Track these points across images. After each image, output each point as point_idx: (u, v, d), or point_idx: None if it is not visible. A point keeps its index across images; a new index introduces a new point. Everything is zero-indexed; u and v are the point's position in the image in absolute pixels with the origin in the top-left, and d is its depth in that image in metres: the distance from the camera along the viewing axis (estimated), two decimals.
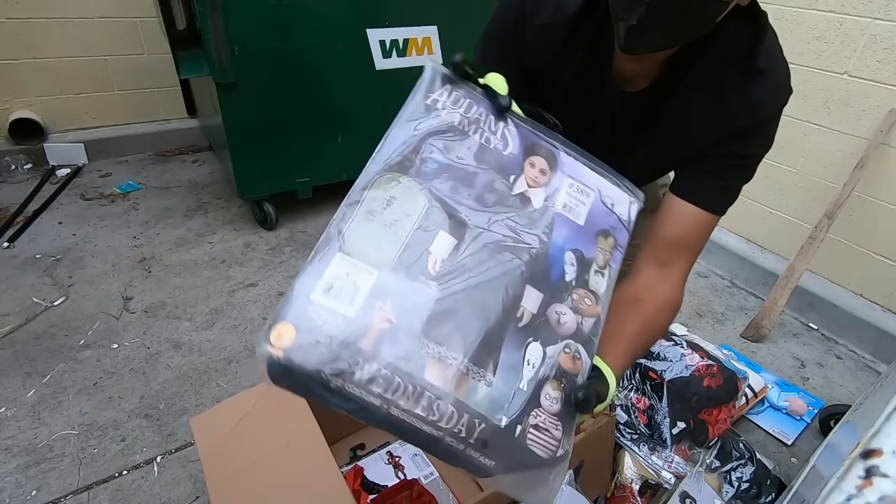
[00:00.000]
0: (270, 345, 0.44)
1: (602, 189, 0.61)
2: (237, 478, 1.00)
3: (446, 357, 0.47)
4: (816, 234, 1.88)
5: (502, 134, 0.57)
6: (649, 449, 1.38)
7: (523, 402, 0.49)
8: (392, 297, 0.47)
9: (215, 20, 1.83)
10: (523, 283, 0.53)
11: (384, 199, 0.51)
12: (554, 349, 0.52)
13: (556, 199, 0.58)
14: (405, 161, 0.53)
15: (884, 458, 0.52)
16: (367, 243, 0.49)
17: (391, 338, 0.46)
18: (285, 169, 2.31)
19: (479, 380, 0.48)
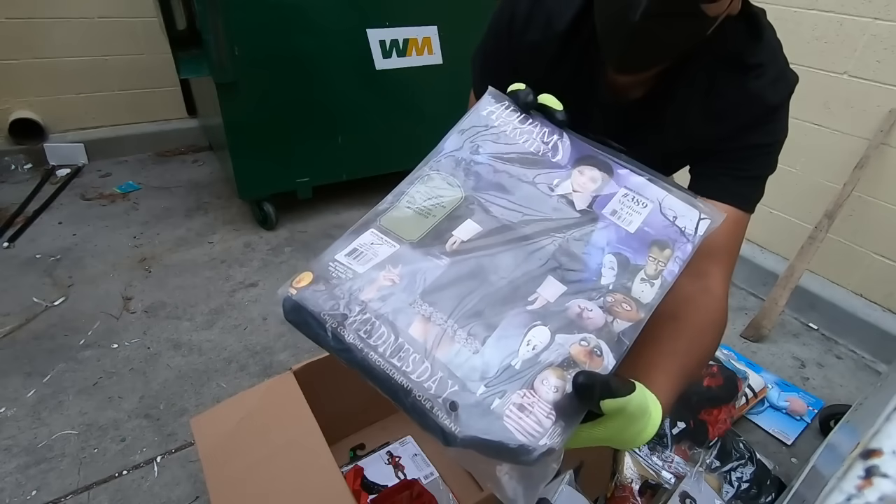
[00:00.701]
0: (291, 285, 0.53)
1: (664, 202, 0.55)
2: (237, 478, 1.00)
3: (435, 318, 0.48)
4: (816, 234, 1.88)
5: (554, 145, 0.58)
6: (649, 449, 1.38)
7: (510, 379, 0.45)
8: (403, 264, 0.51)
9: (215, 20, 1.83)
10: (545, 273, 0.51)
11: (426, 193, 0.56)
12: (567, 338, 0.48)
13: (605, 203, 0.55)
14: (454, 163, 0.58)
15: (884, 458, 0.52)
16: (400, 225, 0.54)
17: (389, 295, 0.49)
18: (285, 169, 2.31)
19: (466, 346, 0.47)
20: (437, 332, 0.47)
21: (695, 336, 0.65)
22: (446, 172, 0.58)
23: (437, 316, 0.48)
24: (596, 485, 1.24)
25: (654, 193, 0.56)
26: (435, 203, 0.55)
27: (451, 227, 0.54)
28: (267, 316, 1.89)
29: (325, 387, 1.25)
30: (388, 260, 0.52)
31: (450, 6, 2.32)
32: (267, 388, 1.16)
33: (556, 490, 1.01)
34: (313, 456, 1.02)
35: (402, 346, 0.46)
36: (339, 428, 1.39)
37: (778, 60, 0.76)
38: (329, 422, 1.11)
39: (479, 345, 0.47)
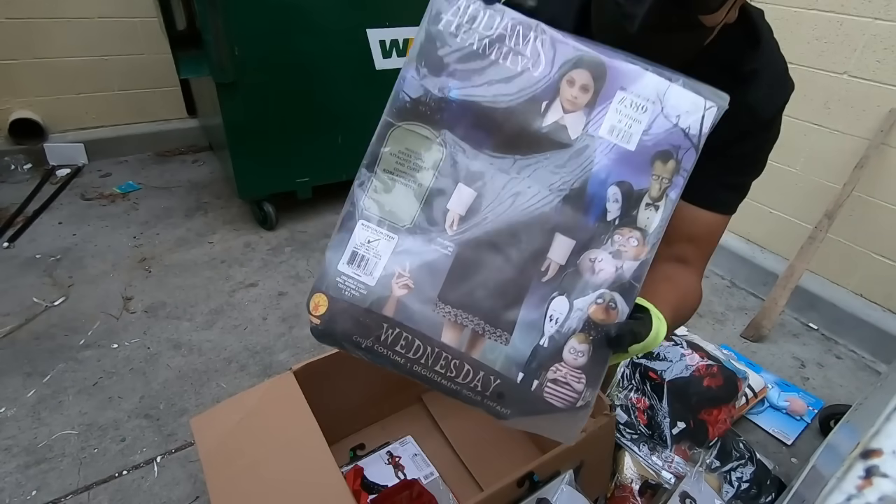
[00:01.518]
0: (310, 314, 0.51)
1: (666, 97, 0.50)
2: (237, 478, 1.00)
3: (462, 319, 0.49)
4: (816, 234, 1.88)
5: (533, 49, 0.48)
6: (649, 449, 1.38)
7: (542, 358, 0.49)
8: (411, 262, 0.49)
9: (215, 20, 1.83)
10: (551, 233, 0.49)
11: (399, 153, 0.51)
12: (583, 301, 0.49)
13: (600, 121, 0.49)
14: (419, 105, 0.50)
15: (884, 458, 0.52)
16: (386, 205, 0.50)
17: (410, 304, 0.49)
18: (285, 169, 2.31)
19: (496, 339, 0.49)
20: (467, 333, 0.50)
21: (682, 295, 0.71)
22: (416, 122, 0.51)
23: (463, 316, 0.49)
24: (596, 485, 1.24)
25: (654, 87, 0.50)
26: (415, 164, 0.50)
27: (444, 198, 0.50)
28: (267, 316, 1.89)
29: (325, 387, 1.25)
30: (393, 260, 0.50)
31: None
32: (267, 388, 1.16)
33: (557, 490, 1.01)
34: (313, 456, 1.02)
35: (440, 354, 0.49)
36: (339, 428, 1.39)
37: (774, 66, 0.76)
38: (329, 422, 1.11)
39: (508, 335, 0.49)
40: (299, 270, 2.14)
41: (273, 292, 2.01)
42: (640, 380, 1.49)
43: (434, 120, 0.50)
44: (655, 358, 1.50)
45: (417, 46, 0.50)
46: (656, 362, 1.48)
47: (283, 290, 2.02)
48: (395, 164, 0.51)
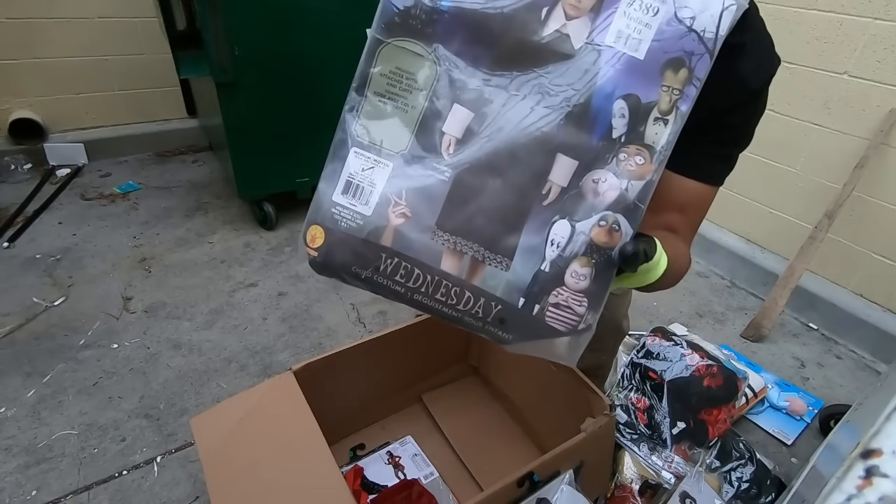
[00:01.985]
0: (307, 246, 0.50)
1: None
2: (237, 478, 1.00)
3: (461, 247, 0.48)
4: (816, 234, 1.88)
5: None
6: (649, 449, 1.38)
7: (544, 283, 0.49)
8: (407, 190, 0.48)
9: (215, 20, 1.83)
10: (553, 153, 0.47)
11: (390, 74, 0.47)
12: (586, 224, 0.48)
13: (607, 27, 0.45)
14: (408, 19, 0.45)
15: (884, 458, 0.52)
16: (381, 132, 0.48)
17: (408, 233, 0.48)
18: (285, 169, 2.31)
19: (496, 265, 0.49)
20: (467, 260, 0.49)
21: (673, 253, 0.69)
22: (406, 37, 0.46)
23: (462, 244, 0.48)
24: (596, 485, 1.24)
25: None
26: (407, 85, 0.46)
27: (439, 121, 0.46)
28: (267, 316, 1.89)
29: (325, 387, 1.25)
30: (389, 188, 0.48)
31: None
32: (267, 388, 1.16)
33: (557, 490, 1.01)
34: (313, 456, 1.02)
35: (440, 283, 0.49)
36: (339, 428, 1.39)
37: (762, 40, 0.74)
38: (329, 422, 1.10)
39: (508, 261, 0.48)
40: (299, 270, 2.14)
41: (273, 292, 2.01)
42: (640, 380, 1.49)
43: (426, 34, 0.45)
44: (655, 358, 1.50)
45: None
46: (656, 362, 1.48)
47: (283, 290, 2.02)
48: (387, 86, 0.47)
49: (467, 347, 1.59)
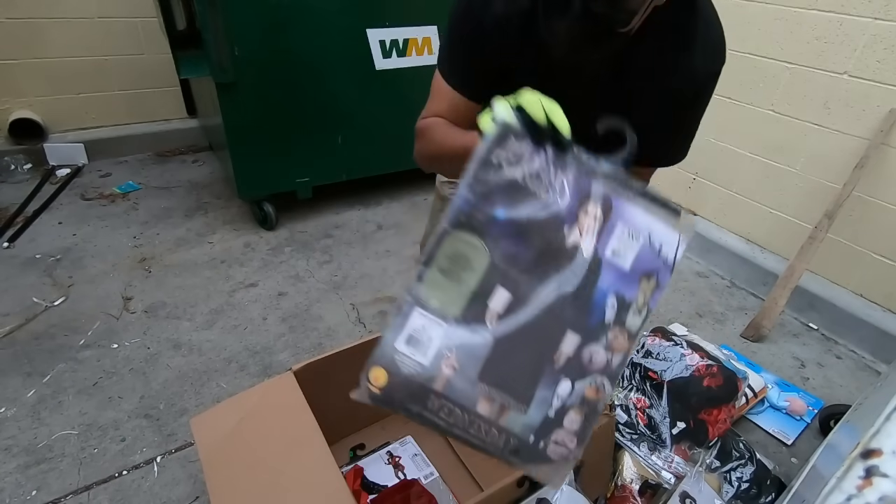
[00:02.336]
0: (370, 384, 0.63)
1: (653, 231, 0.66)
2: (237, 478, 1.00)
3: (494, 395, 0.63)
4: (816, 234, 1.89)
5: (561, 184, 0.63)
6: (649, 449, 1.38)
7: (549, 426, 0.65)
8: (457, 348, 0.62)
9: (215, 20, 1.83)
10: (564, 331, 0.64)
11: (452, 256, 0.62)
12: (581, 384, 0.65)
13: (606, 244, 0.65)
14: (471, 220, 0.62)
15: (884, 458, 0.52)
16: (439, 298, 0.62)
17: (455, 382, 0.62)
18: (285, 169, 2.31)
19: (518, 411, 0.64)
20: (497, 406, 0.63)
21: None
22: (468, 233, 0.62)
23: (495, 393, 0.63)
24: (596, 485, 1.24)
25: (644, 223, 0.66)
26: (465, 267, 0.63)
27: (486, 296, 0.63)
28: (267, 316, 1.89)
29: (325, 387, 1.25)
30: (443, 345, 0.62)
31: (450, 6, 2.32)
32: (267, 388, 1.16)
33: (556, 490, 1.01)
34: (313, 456, 1.02)
35: (474, 422, 0.63)
36: (339, 428, 1.39)
37: (711, 33, 0.80)
38: (329, 422, 1.10)
39: (526, 408, 0.64)
40: (299, 270, 2.14)
41: (273, 292, 2.01)
42: (640, 380, 1.49)
43: (482, 233, 0.62)
44: (655, 358, 1.50)
45: (471, 171, 0.62)
46: (656, 362, 1.48)
47: (283, 290, 2.02)
48: (448, 265, 0.62)
49: None
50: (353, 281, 2.10)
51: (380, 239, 2.40)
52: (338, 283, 2.08)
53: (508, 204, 0.62)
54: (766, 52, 2.03)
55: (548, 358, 0.64)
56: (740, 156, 2.23)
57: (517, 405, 0.64)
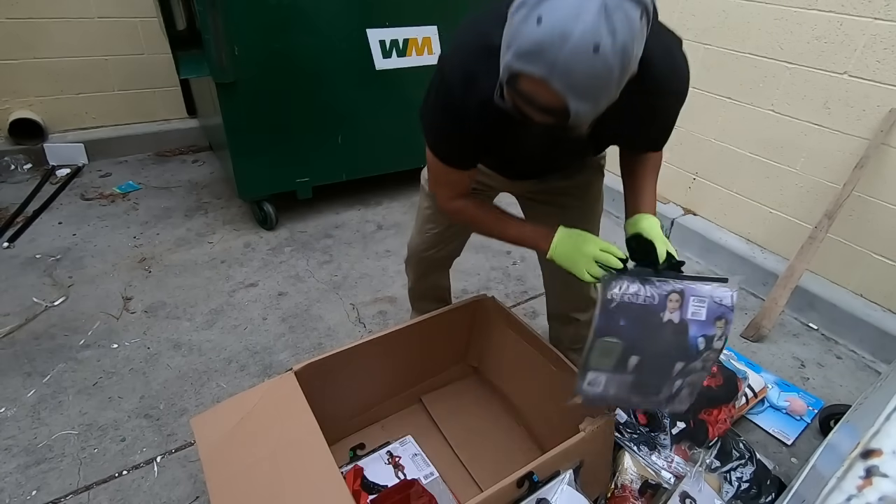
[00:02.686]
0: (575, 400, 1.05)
1: (713, 294, 0.99)
2: (237, 478, 1.00)
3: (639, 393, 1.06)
4: (816, 234, 1.88)
5: (651, 292, 0.98)
6: (649, 449, 1.38)
7: (672, 397, 1.06)
8: (616, 385, 1.04)
9: (215, 20, 1.83)
10: (675, 362, 1.02)
11: (601, 350, 0.99)
12: (688, 378, 1.05)
13: (686, 311, 0.99)
14: (608, 330, 0.97)
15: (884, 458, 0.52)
16: (600, 365, 1.01)
17: (618, 394, 1.05)
18: (285, 169, 2.31)
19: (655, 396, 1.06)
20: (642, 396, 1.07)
21: (656, 172, 1.15)
22: (607, 337, 0.98)
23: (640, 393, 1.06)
24: (596, 485, 1.24)
25: (706, 291, 0.99)
26: (610, 353, 1.00)
27: (625, 360, 1.01)
28: (267, 316, 1.89)
29: (325, 387, 1.25)
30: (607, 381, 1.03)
31: (449, 6, 2.32)
32: (267, 388, 1.16)
33: (556, 490, 1.01)
34: (313, 456, 1.02)
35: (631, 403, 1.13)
36: (339, 428, 1.39)
37: (671, 74, 0.89)
38: (329, 422, 1.11)
39: (657, 395, 1.07)
40: (299, 270, 2.14)
41: (273, 292, 2.01)
42: None
43: (615, 334, 0.98)
44: None
45: (599, 306, 0.96)
46: None
47: (283, 290, 2.02)
48: (599, 354, 0.99)
49: (467, 348, 1.59)
50: (353, 281, 2.10)
51: (380, 239, 2.40)
52: (338, 283, 2.08)
53: (625, 314, 0.97)
54: (766, 52, 2.03)
55: (667, 375, 1.03)
56: (740, 156, 2.23)
57: (654, 394, 1.06)
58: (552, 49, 0.61)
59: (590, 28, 0.59)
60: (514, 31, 0.64)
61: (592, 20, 0.59)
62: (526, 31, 0.62)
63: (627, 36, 0.62)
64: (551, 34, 0.60)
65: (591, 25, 0.59)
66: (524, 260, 2.24)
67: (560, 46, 0.60)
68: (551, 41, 0.60)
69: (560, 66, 0.61)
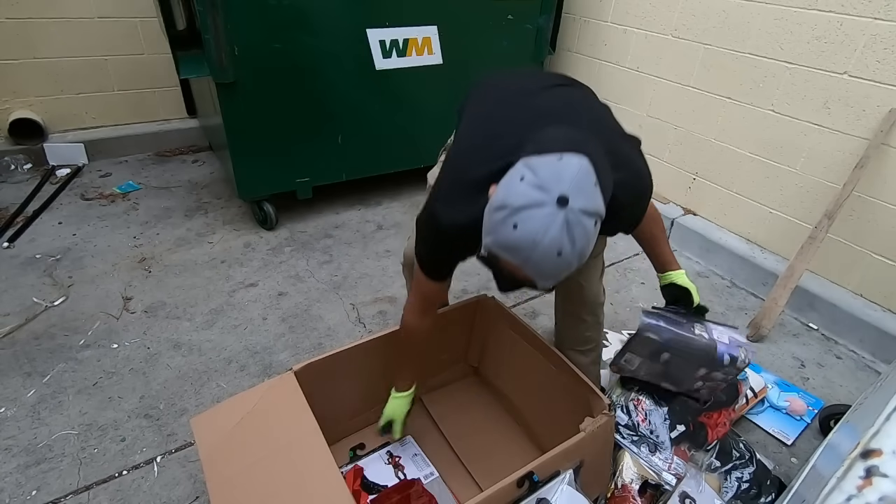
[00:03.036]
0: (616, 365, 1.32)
1: (731, 333, 1.28)
2: (237, 478, 1.00)
3: (660, 382, 1.33)
4: (816, 234, 1.88)
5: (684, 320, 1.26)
6: (649, 450, 1.38)
7: (697, 390, 1.32)
8: (645, 367, 1.29)
9: (215, 20, 1.83)
10: (699, 367, 1.25)
11: (641, 342, 1.24)
12: (709, 383, 1.30)
13: (714, 334, 1.26)
14: (650, 326, 1.22)
15: (884, 458, 0.52)
16: (637, 351, 1.27)
17: (646, 375, 1.32)
18: (285, 169, 2.31)
19: (682, 387, 1.32)
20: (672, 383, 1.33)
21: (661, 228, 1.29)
22: (649, 333, 1.21)
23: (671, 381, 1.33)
24: (596, 485, 1.24)
25: (723, 331, 1.27)
26: (648, 344, 1.23)
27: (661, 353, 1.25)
28: (267, 316, 1.89)
29: (325, 387, 1.25)
30: (640, 364, 1.29)
31: (450, 6, 2.32)
32: (267, 388, 1.16)
33: (556, 490, 1.01)
34: (313, 456, 1.02)
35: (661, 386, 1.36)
36: (339, 428, 1.39)
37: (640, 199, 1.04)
38: (329, 422, 1.11)
39: (684, 385, 1.33)
40: (299, 270, 2.14)
41: (273, 292, 2.01)
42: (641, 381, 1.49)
43: (657, 334, 1.22)
44: None
45: (644, 314, 1.24)
46: None
47: (283, 290, 2.02)
48: (638, 345, 1.25)
49: (467, 348, 1.59)
50: (353, 281, 2.10)
51: (380, 239, 2.40)
52: (338, 283, 2.08)
53: (665, 321, 1.23)
54: (766, 52, 2.03)
55: (690, 375, 1.27)
56: (740, 156, 2.23)
57: (676, 385, 1.31)
58: (525, 251, 0.76)
59: (555, 239, 0.75)
60: (493, 227, 0.79)
61: (556, 233, 0.74)
62: (504, 231, 0.77)
63: (584, 243, 0.78)
64: (524, 240, 0.75)
65: (556, 238, 0.75)
66: None
67: (532, 250, 0.75)
68: (525, 245, 0.76)
69: (532, 263, 0.77)
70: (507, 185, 0.79)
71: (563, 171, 0.76)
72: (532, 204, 0.75)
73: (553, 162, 0.78)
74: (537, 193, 0.75)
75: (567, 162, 0.78)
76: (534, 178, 0.76)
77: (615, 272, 2.29)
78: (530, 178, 0.77)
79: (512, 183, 0.78)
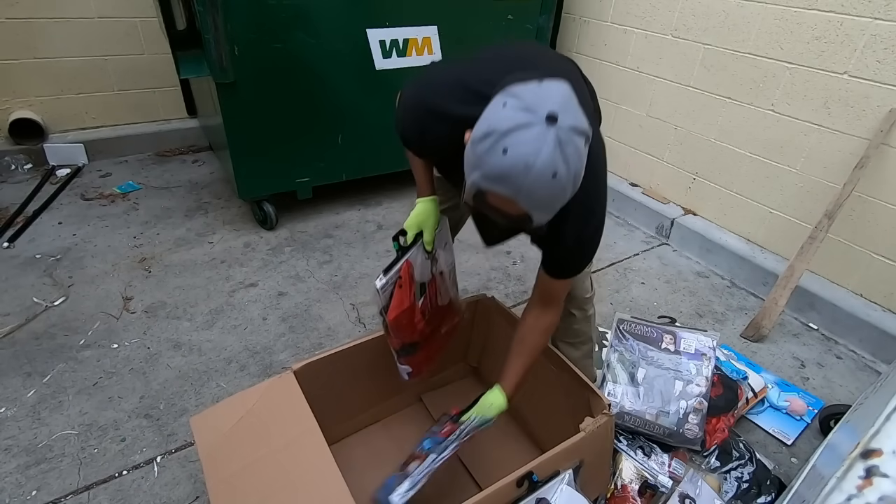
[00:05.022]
0: None
1: (698, 338, 1.47)
2: (237, 478, 1.00)
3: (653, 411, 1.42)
4: (816, 234, 1.88)
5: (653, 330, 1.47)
6: (645, 454, 1.38)
7: (682, 421, 1.39)
8: (630, 394, 1.45)
9: (215, 20, 1.83)
10: (674, 380, 1.39)
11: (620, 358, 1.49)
12: (691, 401, 1.40)
13: (680, 345, 1.47)
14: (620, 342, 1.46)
15: (884, 458, 0.52)
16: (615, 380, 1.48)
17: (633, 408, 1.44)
18: (285, 169, 2.31)
19: (665, 415, 1.40)
20: (655, 414, 1.41)
21: (532, 347, 1.15)
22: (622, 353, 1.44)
23: (653, 410, 1.43)
24: (595, 484, 1.24)
25: (693, 336, 1.48)
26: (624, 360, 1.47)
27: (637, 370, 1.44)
28: (267, 316, 1.89)
29: (325, 387, 1.25)
30: (622, 392, 1.45)
31: (450, 6, 2.32)
32: (267, 388, 1.16)
33: (556, 490, 1.01)
34: (313, 456, 1.02)
35: (647, 424, 1.43)
36: (339, 428, 1.39)
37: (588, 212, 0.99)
38: (329, 422, 1.11)
39: (668, 414, 1.41)
40: (299, 270, 2.14)
41: (273, 292, 2.01)
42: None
43: (630, 351, 1.47)
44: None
45: None
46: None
47: (283, 290, 2.02)
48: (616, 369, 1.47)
49: (467, 348, 1.59)
50: (353, 281, 2.10)
51: (380, 239, 2.40)
52: (338, 283, 2.08)
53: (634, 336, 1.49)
54: (766, 52, 2.03)
55: (670, 393, 1.37)
56: (740, 156, 2.23)
57: (664, 413, 1.38)
58: (518, 177, 0.72)
59: (549, 160, 0.71)
60: (480, 157, 0.74)
61: (549, 153, 0.71)
62: (492, 159, 0.73)
63: (578, 163, 0.75)
64: (516, 165, 0.71)
65: (549, 158, 0.71)
66: (524, 260, 2.24)
67: (525, 174, 0.71)
68: (517, 170, 0.72)
69: (525, 190, 0.73)
70: (489, 115, 0.75)
71: (546, 93, 0.74)
72: (520, 125, 0.71)
73: (534, 87, 0.75)
74: (524, 115, 0.71)
75: (548, 85, 0.75)
76: (517, 102, 0.73)
77: (615, 272, 2.29)
78: (513, 103, 0.73)
79: (495, 110, 0.75)
